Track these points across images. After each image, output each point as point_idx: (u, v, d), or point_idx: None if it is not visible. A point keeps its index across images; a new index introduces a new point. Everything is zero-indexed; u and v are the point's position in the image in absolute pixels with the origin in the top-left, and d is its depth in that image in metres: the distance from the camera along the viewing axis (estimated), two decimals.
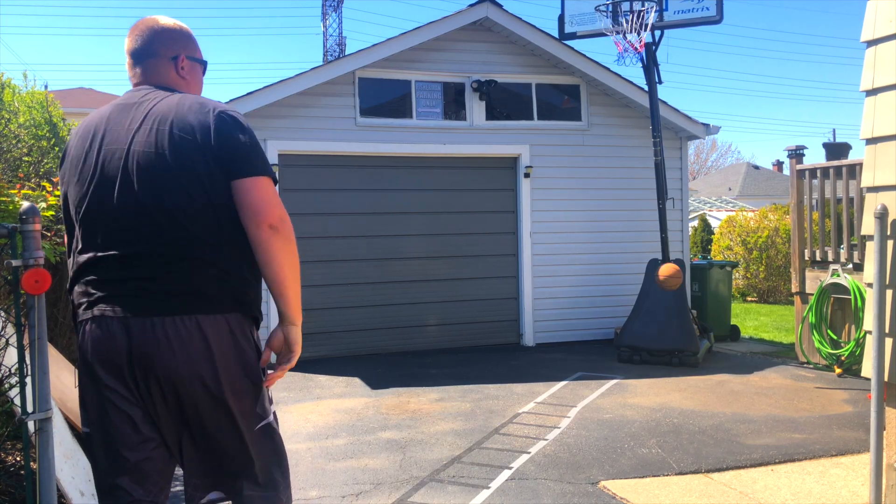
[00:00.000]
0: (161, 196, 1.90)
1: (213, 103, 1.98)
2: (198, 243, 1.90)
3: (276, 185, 2.00)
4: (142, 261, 1.90)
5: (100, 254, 1.94)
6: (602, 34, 8.05)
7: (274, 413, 2.07)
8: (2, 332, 3.00)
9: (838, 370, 6.95)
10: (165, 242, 1.90)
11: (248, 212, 1.91)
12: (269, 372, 2.04)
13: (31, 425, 2.51)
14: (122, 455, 1.90)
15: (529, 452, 4.59)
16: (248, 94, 7.83)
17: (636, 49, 7.78)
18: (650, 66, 7.90)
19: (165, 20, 2.13)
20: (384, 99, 8.66)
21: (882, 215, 3.24)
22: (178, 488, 3.08)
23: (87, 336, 1.92)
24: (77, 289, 1.99)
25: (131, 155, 1.92)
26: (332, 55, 28.77)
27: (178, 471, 2.04)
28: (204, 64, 2.21)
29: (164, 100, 1.99)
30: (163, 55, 2.09)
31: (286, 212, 1.97)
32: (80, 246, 1.99)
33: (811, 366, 7.37)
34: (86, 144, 2.01)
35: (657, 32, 7.92)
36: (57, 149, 4.69)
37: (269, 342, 2.03)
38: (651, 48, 7.89)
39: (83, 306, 1.95)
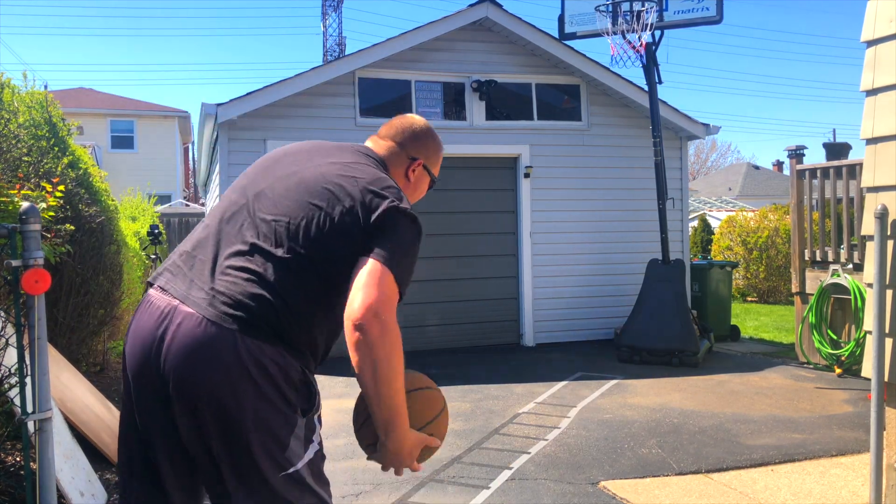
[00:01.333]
0: (294, 218, 1.74)
1: (395, 188, 1.82)
2: (288, 276, 1.71)
3: (399, 291, 1.70)
4: (231, 257, 1.73)
5: (206, 236, 1.82)
6: (602, 34, 8.05)
7: (308, 460, 1.75)
8: (2, 332, 3.00)
9: (838, 370, 6.95)
10: (268, 255, 1.71)
11: (346, 293, 1.68)
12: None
13: (30, 425, 2.51)
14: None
15: (529, 452, 4.59)
16: (248, 94, 7.83)
17: (636, 49, 7.78)
18: (650, 66, 7.90)
19: (430, 129, 2.10)
20: (384, 99, 8.66)
21: (882, 215, 3.24)
22: None
23: (138, 315, 1.76)
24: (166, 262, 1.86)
25: (305, 173, 1.83)
26: (332, 55, 28.78)
27: None
28: (434, 180, 2.13)
29: (373, 166, 1.90)
30: (406, 149, 2.03)
31: (391, 304, 1.65)
32: (193, 239, 1.86)
33: (811, 366, 7.37)
34: (274, 155, 1.97)
35: (657, 32, 7.92)
36: (56, 149, 4.69)
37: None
38: (651, 48, 7.89)
39: (153, 277, 1.83)
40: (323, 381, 6.90)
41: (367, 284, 1.62)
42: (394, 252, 1.68)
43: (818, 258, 7.47)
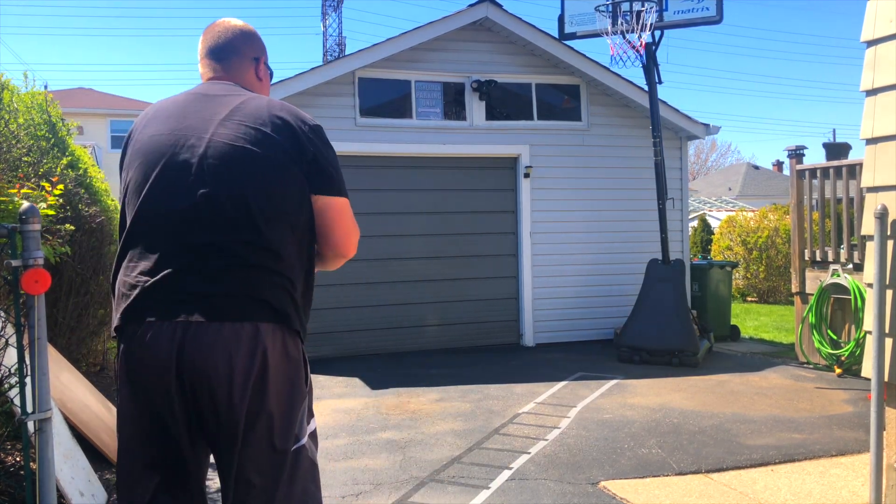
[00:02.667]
0: (241, 192, 1.80)
1: (303, 113, 1.93)
2: (268, 249, 1.81)
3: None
4: (205, 259, 1.78)
5: (156, 249, 1.80)
6: (602, 34, 8.05)
7: (312, 433, 1.96)
8: (2, 333, 2.99)
9: (838, 370, 6.95)
10: (236, 241, 1.78)
11: (330, 247, 1.95)
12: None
13: (30, 425, 2.51)
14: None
15: (529, 453, 4.59)
16: None
17: (636, 49, 7.78)
18: (650, 66, 7.90)
19: (244, 23, 2.13)
20: (384, 99, 8.66)
21: (882, 215, 3.24)
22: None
23: (134, 342, 1.79)
24: (121, 287, 1.84)
25: (211, 145, 1.83)
26: (332, 55, 28.78)
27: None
28: (272, 72, 2.20)
29: (254, 99, 1.93)
30: (246, 55, 2.08)
31: (359, 233, 2.02)
32: (131, 237, 1.86)
33: (811, 366, 7.37)
34: (155, 128, 1.90)
35: (657, 33, 7.91)
36: (56, 149, 4.69)
37: None
38: (651, 48, 7.89)
39: (127, 309, 1.81)
40: (323, 381, 6.90)
41: (348, 229, 1.97)
42: (342, 180, 1.95)
43: (818, 258, 7.47)
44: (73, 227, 4.14)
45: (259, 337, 1.76)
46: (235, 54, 2.07)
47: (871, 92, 3.34)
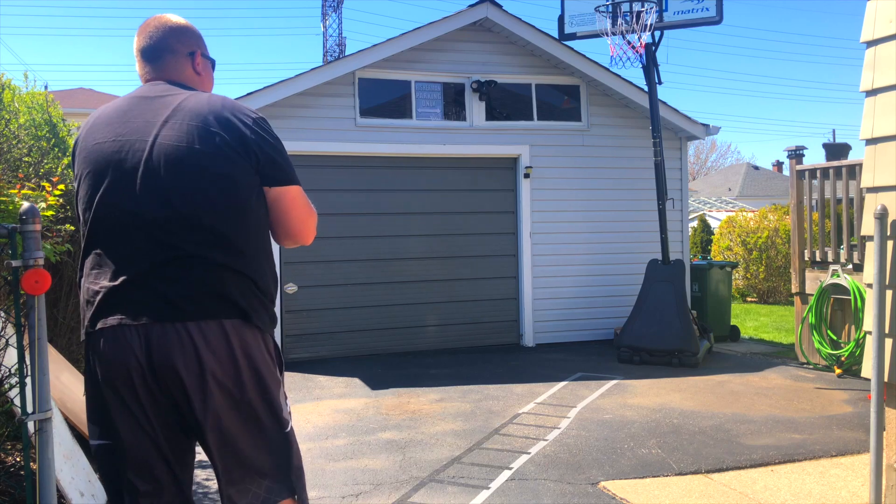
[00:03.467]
0: (191, 193, 1.81)
1: (244, 106, 1.95)
2: (226, 247, 1.83)
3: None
4: (164, 262, 1.80)
5: (114, 254, 1.83)
6: (602, 35, 8.05)
7: (289, 413, 2.03)
8: (2, 333, 2.99)
9: (838, 370, 6.95)
10: (192, 242, 1.81)
11: (285, 229, 1.97)
12: None
13: (30, 425, 2.51)
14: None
15: (529, 453, 4.59)
16: (248, 94, 7.83)
17: (636, 50, 7.78)
18: (650, 66, 7.90)
19: (177, 18, 2.11)
20: (384, 99, 8.66)
21: (882, 216, 3.24)
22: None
23: (101, 348, 1.82)
24: (85, 294, 1.87)
25: (157, 147, 1.83)
26: (332, 55, 28.79)
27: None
28: (213, 62, 2.18)
29: (193, 96, 1.93)
30: (180, 52, 2.05)
31: (316, 218, 2.05)
32: (91, 245, 1.88)
33: (811, 366, 7.37)
34: (99, 135, 1.91)
35: (657, 33, 7.92)
36: (56, 149, 4.69)
37: None
38: (651, 49, 7.89)
39: (93, 316, 1.84)
40: (323, 382, 6.90)
41: (303, 215, 2.00)
42: (291, 168, 1.96)
43: (818, 258, 7.47)
44: (73, 227, 4.14)
45: (225, 333, 1.81)
46: (169, 52, 2.05)
47: (871, 92, 3.34)
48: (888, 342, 3.26)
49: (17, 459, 3.57)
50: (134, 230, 1.83)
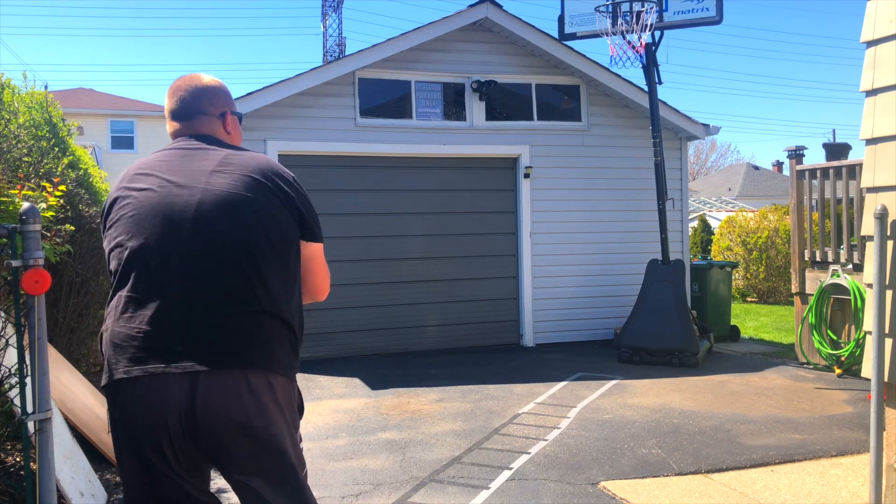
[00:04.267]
0: (243, 238, 1.84)
1: (282, 166, 2.02)
2: (270, 295, 1.86)
3: None
4: (206, 306, 1.79)
5: (153, 297, 1.79)
6: (602, 35, 8.05)
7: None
8: (2, 333, 2.99)
9: (838, 370, 6.95)
10: (241, 286, 1.82)
11: (309, 284, 2.05)
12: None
13: (30, 426, 2.51)
14: None
15: (529, 453, 4.59)
16: (248, 94, 7.83)
17: (636, 50, 7.78)
18: (650, 66, 7.90)
19: (208, 79, 2.14)
20: (384, 99, 8.66)
21: (882, 216, 3.24)
22: None
23: (137, 396, 1.77)
24: (115, 338, 1.82)
25: (207, 193, 1.86)
26: (332, 55, 28.79)
27: None
28: (241, 116, 2.23)
29: (238, 154, 1.98)
30: (212, 114, 2.10)
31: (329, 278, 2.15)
32: (123, 285, 1.84)
33: (811, 366, 7.37)
34: (142, 183, 1.91)
35: (657, 33, 7.92)
36: (56, 149, 4.69)
37: None
38: (651, 49, 7.90)
39: (126, 361, 1.79)
40: (323, 382, 6.90)
41: (324, 274, 2.10)
42: (320, 228, 2.05)
43: (818, 258, 7.47)
44: (73, 228, 4.14)
45: (269, 384, 1.84)
46: (202, 113, 2.09)
47: (871, 92, 3.34)
48: (888, 342, 3.26)
49: (17, 459, 3.57)
50: (177, 274, 1.81)
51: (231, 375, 1.77)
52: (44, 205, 3.22)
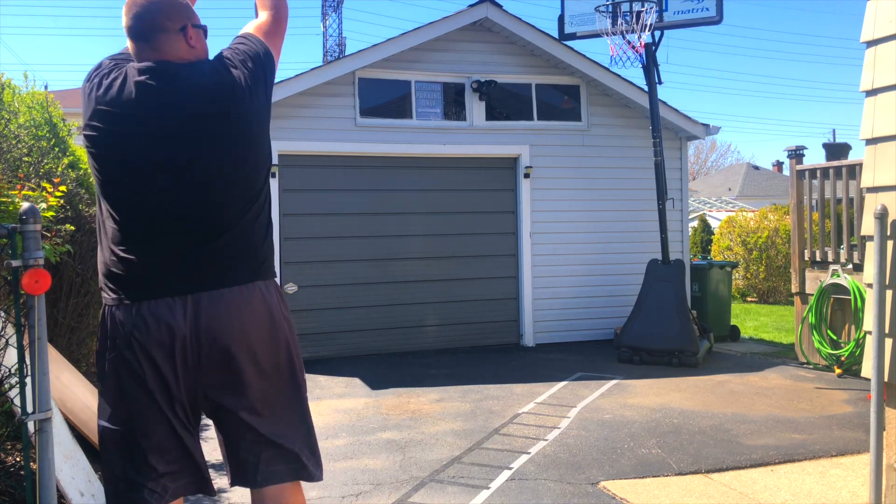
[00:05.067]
0: (222, 158, 1.94)
1: (222, 59, 2.03)
2: (247, 205, 1.95)
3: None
4: (201, 225, 1.91)
5: (148, 229, 1.90)
6: (602, 35, 8.05)
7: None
8: (2, 333, 2.99)
9: (838, 370, 6.95)
10: (222, 204, 1.92)
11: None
12: None
13: (30, 425, 2.51)
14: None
15: (529, 453, 4.59)
16: None
17: (636, 49, 7.78)
18: (650, 66, 7.90)
19: None
20: (384, 99, 8.66)
21: (882, 216, 3.24)
22: None
23: (138, 317, 1.86)
24: (112, 265, 1.91)
25: (175, 124, 1.92)
26: (332, 55, 28.78)
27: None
28: (205, 29, 2.13)
29: (190, 66, 2.00)
30: (171, 29, 1.99)
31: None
32: (118, 215, 1.91)
33: (811, 366, 7.37)
34: (116, 126, 1.93)
35: (657, 33, 7.92)
36: (56, 149, 4.69)
37: None
38: (651, 49, 7.89)
39: (126, 287, 1.89)
40: (323, 382, 6.90)
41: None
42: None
43: (818, 258, 7.47)
44: (73, 227, 4.14)
45: (264, 294, 1.95)
46: (160, 30, 1.98)
47: (871, 92, 3.34)
48: (888, 342, 3.26)
49: (17, 459, 3.57)
50: (165, 196, 1.90)
51: (230, 294, 1.91)
52: (44, 205, 3.22)
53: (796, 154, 7.85)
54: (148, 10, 1.96)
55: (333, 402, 6.05)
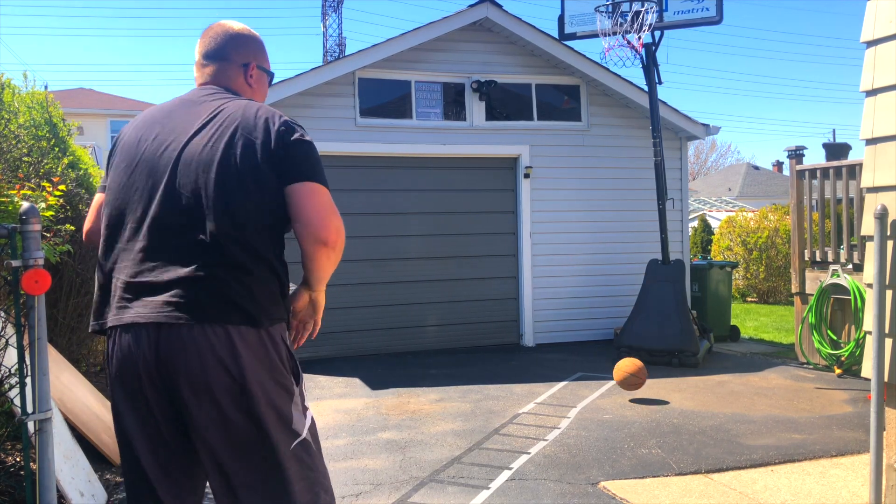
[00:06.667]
0: (216, 193, 1.81)
1: (278, 112, 1.95)
2: (243, 248, 1.81)
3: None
4: (180, 261, 1.79)
5: (134, 249, 1.84)
6: (602, 35, 8.05)
7: (309, 426, 1.93)
8: (2, 333, 2.99)
9: (838, 370, 6.95)
10: (211, 243, 1.79)
11: (302, 225, 1.85)
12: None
13: (30, 426, 2.51)
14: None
15: (529, 453, 4.59)
16: None
17: (636, 49, 7.78)
18: (650, 66, 7.90)
19: (239, 26, 2.14)
20: (384, 99, 8.66)
21: (882, 216, 3.24)
22: None
23: (117, 345, 1.81)
24: (102, 280, 1.89)
25: (188, 149, 1.87)
26: (332, 55, 28.77)
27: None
28: (271, 75, 2.20)
29: (232, 101, 1.97)
30: (234, 61, 2.09)
31: (342, 222, 1.91)
32: (111, 239, 1.90)
33: (811, 366, 7.37)
34: (141, 133, 1.96)
35: (657, 33, 7.92)
36: (56, 149, 4.68)
37: (293, 300, 2.02)
38: (651, 49, 7.89)
39: (111, 310, 1.84)
40: (323, 382, 6.90)
41: (320, 206, 1.87)
42: (315, 169, 1.89)
43: (818, 258, 7.47)
44: (73, 227, 4.14)
45: (231, 340, 1.77)
46: (223, 59, 2.08)
47: (871, 92, 3.34)
48: (888, 342, 3.26)
49: (17, 459, 3.57)
50: (156, 229, 1.84)
51: (192, 331, 1.77)
52: (43, 204, 3.22)
53: (796, 154, 7.85)
54: (222, 37, 2.10)
55: (333, 403, 6.05)
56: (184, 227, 1.82)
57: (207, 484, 1.94)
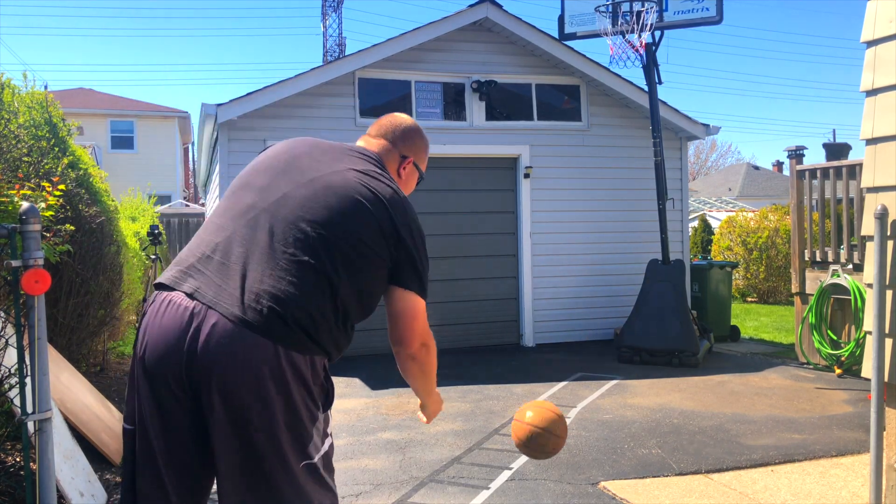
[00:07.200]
0: (331, 228, 1.81)
1: (411, 206, 1.98)
2: (329, 283, 1.78)
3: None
4: (266, 266, 1.76)
5: (218, 250, 1.82)
6: (602, 35, 8.05)
7: (324, 452, 1.91)
8: (2, 333, 2.99)
9: (838, 370, 6.95)
10: (307, 266, 1.77)
11: (395, 332, 1.94)
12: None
13: (30, 426, 2.51)
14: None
15: None
16: (248, 94, 7.83)
17: (636, 49, 7.78)
18: (650, 66, 7.90)
19: (412, 121, 2.26)
20: (384, 99, 8.66)
21: (882, 216, 3.24)
22: None
23: (156, 312, 1.77)
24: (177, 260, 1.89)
25: (317, 180, 1.89)
26: (332, 55, 28.78)
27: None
28: (421, 176, 2.28)
29: (376, 166, 2.02)
30: (396, 146, 2.18)
31: (430, 333, 1.98)
32: (207, 241, 1.86)
33: (811, 366, 7.37)
34: (280, 151, 2.04)
35: (657, 33, 7.92)
36: (56, 149, 4.69)
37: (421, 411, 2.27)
38: (651, 49, 7.89)
39: (159, 282, 1.84)
40: None
41: (412, 319, 1.92)
42: (422, 278, 1.93)
43: (818, 258, 7.47)
44: (73, 227, 4.14)
45: (278, 358, 1.72)
46: (386, 139, 2.19)
47: (871, 92, 3.34)
48: (888, 342, 3.26)
49: (17, 459, 3.57)
50: (255, 228, 1.83)
51: (243, 335, 1.72)
52: (43, 204, 3.21)
53: (796, 154, 7.85)
54: (400, 126, 2.22)
55: (334, 403, 6.04)
56: (286, 244, 1.82)
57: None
